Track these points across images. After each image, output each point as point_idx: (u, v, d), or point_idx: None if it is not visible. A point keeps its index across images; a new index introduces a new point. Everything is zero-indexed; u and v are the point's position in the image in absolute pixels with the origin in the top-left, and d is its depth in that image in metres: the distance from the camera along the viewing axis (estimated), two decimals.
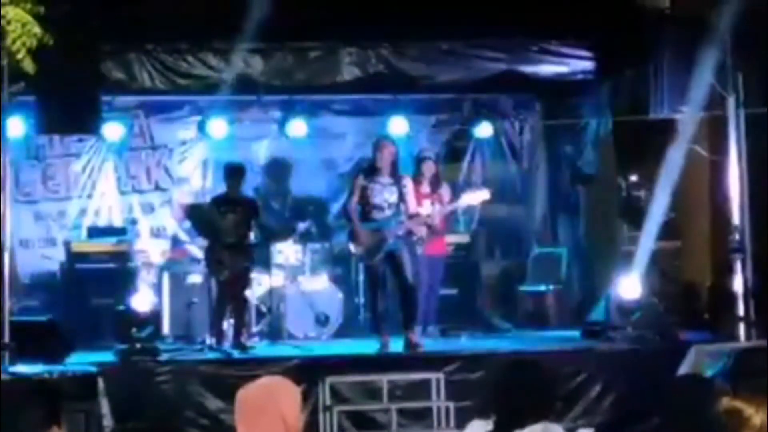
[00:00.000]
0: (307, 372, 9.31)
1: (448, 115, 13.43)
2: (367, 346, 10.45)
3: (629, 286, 10.54)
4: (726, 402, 3.67)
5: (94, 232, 12.29)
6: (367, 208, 10.10)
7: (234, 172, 10.87)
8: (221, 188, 11.14)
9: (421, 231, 10.60)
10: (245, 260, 10.70)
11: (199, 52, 10.58)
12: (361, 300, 11.82)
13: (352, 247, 10.30)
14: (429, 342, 10.63)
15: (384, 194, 10.07)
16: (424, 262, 10.86)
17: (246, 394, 3.93)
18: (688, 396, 4.39)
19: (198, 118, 12.79)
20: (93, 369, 8.83)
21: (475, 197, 10.77)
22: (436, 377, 9.62)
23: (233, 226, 10.63)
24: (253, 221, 10.81)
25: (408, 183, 10.27)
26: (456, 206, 10.82)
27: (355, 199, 10.16)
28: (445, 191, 11.23)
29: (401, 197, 10.09)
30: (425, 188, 11.08)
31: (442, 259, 11.49)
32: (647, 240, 10.64)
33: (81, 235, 12.43)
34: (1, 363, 8.59)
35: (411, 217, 10.18)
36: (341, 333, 11.69)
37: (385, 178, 10.09)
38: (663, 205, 10.57)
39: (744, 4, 9.62)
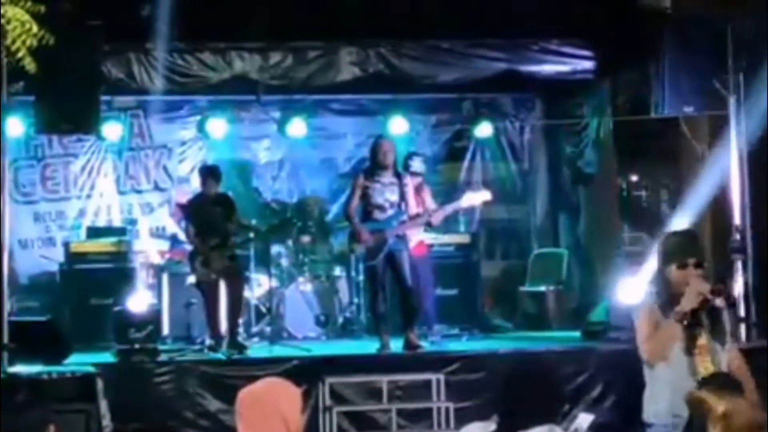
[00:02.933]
0: (307, 372, 9.30)
1: (448, 115, 13.42)
2: (367, 347, 10.44)
3: (632, 287, 10.50)
4: (691, 393, 3.94)
5: (93, 233, 12.26)
6: (368, 208, 10.09)
7: (211, 173, 10.86)
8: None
9: (414, 233, 10.63)
10: (231, 259, 10.66)
11: (199, 51, 10.55)
12: (361, 300, 11.79)
13: (354, 247, 10.29)
14: (429, 343, 10.62)
15: (385, 194, 10.05)
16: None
17: (247, 395, 3.91)
18: None
19: (197, 117, 12.77)
20: (92, 369, 8.80)
21: (477, 198, 10.74)
22: (436, 378, 9.61)
23: (217, 225, 10.62)
24: (233, 219, 10.79)
25: (408, 182, 10.26)
26: (458, 207, 10.79)
27: (356, 199, 10.14)
28: (426, 196, 11.23)
29: (402, 196, 10.08)
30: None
31: (427, 260, 11.47)
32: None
33: (80, 235, 12.40)
34: (0, 363, 8.56)
35: (412, 217, 10.18)
36: (341, 333, 11.68)
37: (386, 178, 10.07)
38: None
39: (745, 4, 9.60)
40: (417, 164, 11.36)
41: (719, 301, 5.48)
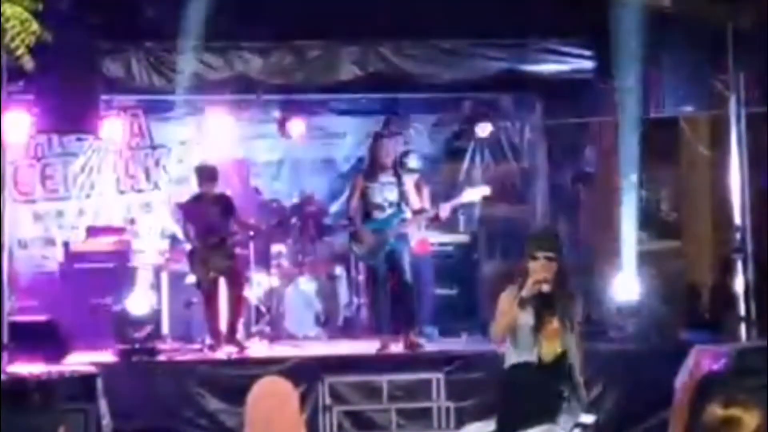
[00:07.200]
0: (307, 372, 9.29)
1: (448, 115, 13.39)
2: (366, 346, 10.42)
3: (629, 286, 10.51)
4: (718, 410, 3.59)
5: (93, 232, 12.24)
6: (368, 208, 10.07)
7: (208, 173, 10.85)
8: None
9: (416, 231, 10.61)
10: (229, 259, 10.66)
11: (199, 50, 10.53)
12: (361, 300, 11.78)
13: (354, 248, 10.27)
14: (429, 342, 10.60)
15: (384, 193, 10.04)
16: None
17: (258, 395, 3.91)
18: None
19: (197, 117, 12.74)
20: (92, 369, 8.79)
21: (476, 193, 10.74)
22: (436, 377, 9.61)
23: (216, 225, 10.61)
24: (231, 219, 10.78)
25: (407, 180, 10.24)
26: (458, 202, 10.77)
27: (356, 199, 10.13)
28: (425, 193, 11.20)
29: (402, 195, 10.06)
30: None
31: (428, 259, 11.44)
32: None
33: (80, 234, 12.38)
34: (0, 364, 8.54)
35: (416, 213, 10.16)
36: (341, 333, 11.67)
37: (385, 177, 10.05)
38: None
39: (746, 3, 9.59)
40: (413, 162, 11.33)
41: (546, 287, 6.21)
